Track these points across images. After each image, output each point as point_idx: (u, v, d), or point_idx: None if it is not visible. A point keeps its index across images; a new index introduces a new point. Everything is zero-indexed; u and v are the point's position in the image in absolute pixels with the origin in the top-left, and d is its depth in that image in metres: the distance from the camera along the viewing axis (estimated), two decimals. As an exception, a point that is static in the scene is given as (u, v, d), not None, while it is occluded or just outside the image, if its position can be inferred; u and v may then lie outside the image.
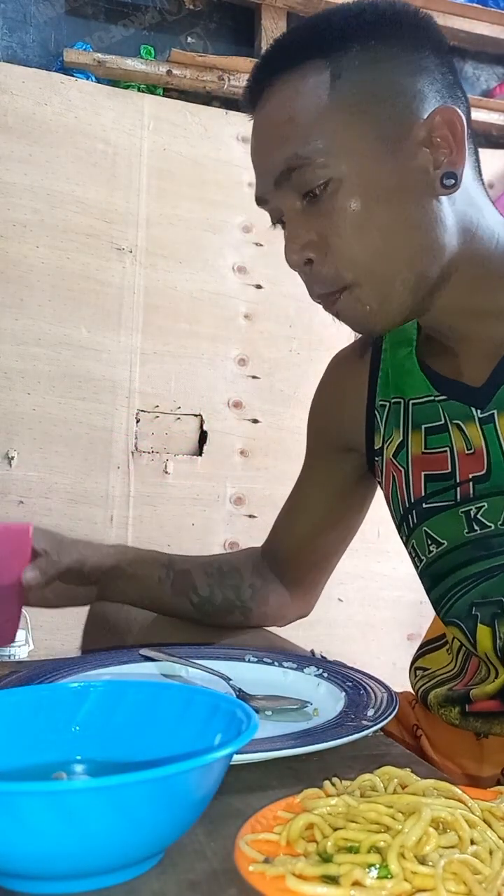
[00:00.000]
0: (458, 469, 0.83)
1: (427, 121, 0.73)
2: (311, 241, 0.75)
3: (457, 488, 0.83)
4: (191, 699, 0.55)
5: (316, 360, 2.44)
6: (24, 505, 2.17)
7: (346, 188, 0.72)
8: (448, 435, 0.83)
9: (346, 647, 2.35)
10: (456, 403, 0.83)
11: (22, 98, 2.20)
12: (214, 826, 0.49)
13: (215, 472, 2.34)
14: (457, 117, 0.73)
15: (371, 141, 0.72)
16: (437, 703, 0.90)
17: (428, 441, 0.85)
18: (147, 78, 2.38)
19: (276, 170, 0.75)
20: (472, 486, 0.81)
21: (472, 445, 0.81)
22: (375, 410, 0.92)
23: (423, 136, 0.73)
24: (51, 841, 0.39)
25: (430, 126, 0.73)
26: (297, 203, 0.75)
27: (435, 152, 0.73)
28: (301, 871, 0.40)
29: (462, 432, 0.82)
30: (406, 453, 0.88)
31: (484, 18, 2.66)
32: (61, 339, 2.22)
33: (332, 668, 0.82)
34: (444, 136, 0.73)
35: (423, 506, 0.86)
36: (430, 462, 0.85)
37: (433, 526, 0.86)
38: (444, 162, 0.74)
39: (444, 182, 0.73)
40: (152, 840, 0.43)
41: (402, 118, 0.73)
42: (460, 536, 0.83)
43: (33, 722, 0.54)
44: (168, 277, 2.32)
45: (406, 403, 0.88)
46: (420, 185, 0.74)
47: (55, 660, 0.83)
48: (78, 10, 2.41)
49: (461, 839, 0.43)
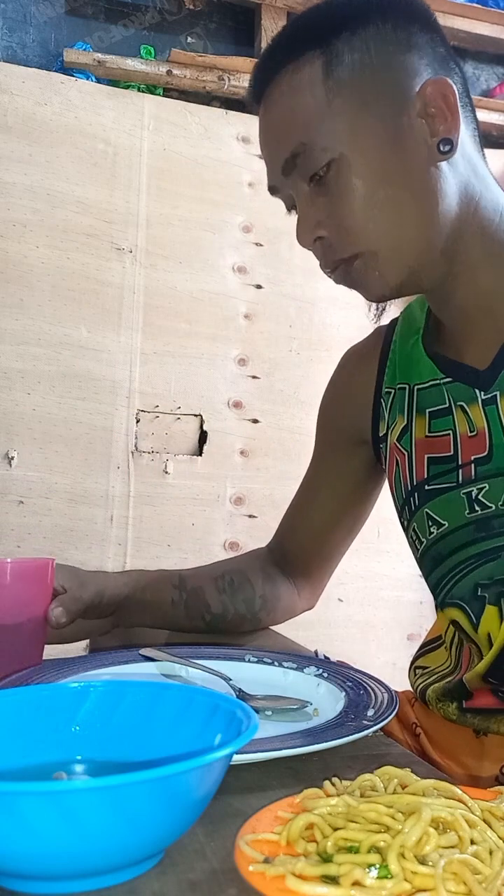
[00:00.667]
0: (460, 451, 0.84)
1: (420, 93, 0.77)
2: (320, 220, 0.79)
3: (459, 470, 0.84)
4: (191, 699, 0.55)
5: (316, 360, 2.44)
6: (24, 505, 2.17)
7: (349, 166, 0.76)
8: (452, 418, 0.85)
9: (346, 647, 2.35)
10: (460, 385, 0.84)
11: (22, 98, 2.20)
12: (214, 826, 0.49)
13: (215, 472, 2.34)
14: (447, 87, 0.77)
15: (368, 119, 0.76)
16: (435, 697, 0.91)
17: (432, 425, 0.87)
18: (147, 78, 2.38)
19: (281, 158, 0.79)
20: (474, 467, 0.83)
21: (475, 427, 0.82)
22: (381, 398, 0.94)
23: (417, 108, 0.77)
24: (51, 841, 0.39)
25: (424, 98, 0.76)
26: (306, 187, 0.79)
27: (430, 122, 0.77)
28: (301, 871, 0.40)
29: (466, 414, 0.83)
30: (410, 437, 0.89)
31: (484, 18, 2.66)
32: (61, 339, 2.22)
33: (332, 668, 0.82)
34: (437, 106, 0.77)
35: (426, 488, 0.87)
36: (433, 445, 0.87)
37: (434, 507, 0.87)
38: (440, 130, 0.77)
39: (440, 148, 0.77)
40: (152, 840, 0.43)
41: (397, 94, 0.77)
42: (461, 517, 0.84)
43: (33, 722, 0.54)
44: (168, 277, 2.32)
45: (411, 389, 0.90)
46: (419, 154, 0.77)
47: (55, 660, 0.83)
48: (78, 10, 2.41)
49: (461, 839, 0.43)
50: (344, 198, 0.77)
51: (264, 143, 0.83)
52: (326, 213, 0.78)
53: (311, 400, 2.53)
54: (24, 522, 2.17)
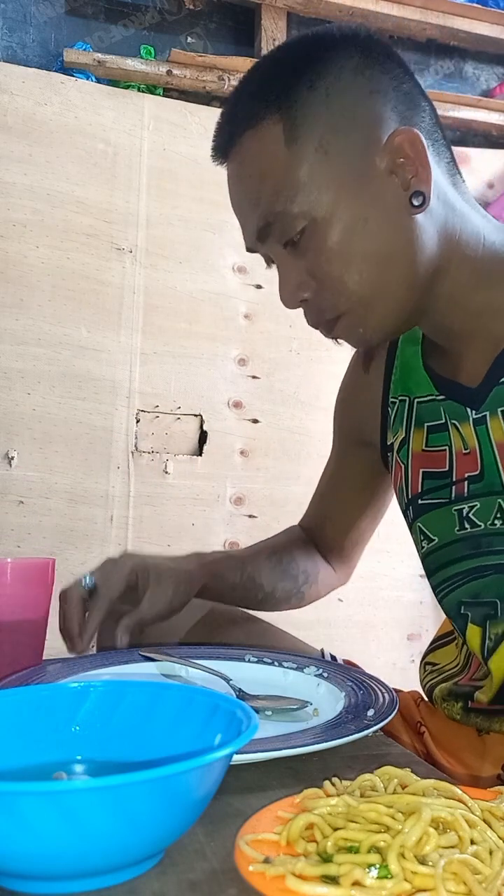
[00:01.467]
0: (455, 468, 0.85)
1: (387, 145, 0.74)
2: (301, 281, 0.78)
3: (452, 486, 0.85)
4: (191, 699, 0.55)
5: (316, 360, 2.44)
6: (24, 505, 2.17)
7: (323, 229, 0.75)
8: (448, 434, 0.85)
9: (346, 647, 2.35)
10: (454, 403, 0.84)
11: (22, 98, 2.20)
12: (214, 826, 0.49)
13: (215, 472, 2.34)
14: (415, 137, 0.74)
15: (337, 177, 0.74)
16: (441, 696, 0.91)
17: (429, 439, 0.88)
18: (147, 78, 2.38)
19: (255, 227, 0.79)
20: (467, 485, 0.83)
21: (468, 445, 0.83)
22: (388, 407, 0.95)
23: (386, 161, 0.75)
24: (51, 841, 0.39)
25: (391, 150, 0.74)
26: (282, 250, 0.78)
27: (401, 173, 0.75)
28: (301, 871, 0.40)
29: (459, 432, 0.84)
30: (407, 450, 0.90)
31: (484, 18, 2.66)
32: (61, 339, 2.21)
33: (332, 668, 0.82)
34: (406, 157, 0.75)
35: (419, 502, 0.89)
36: (429, 459, 0.87)
37: (426, 522, 0.88)
38: (412, 181, 0.75)
39: (413, 202, 0.75)
40: (152, 840, 0.43)
41: (363, 148, 0.74)
42: (451, 534, 0.85)
43: (33, 722, 0.54)
44: (168, 277, 2.32)
45: (411, 401, 0.90)
46: (392, 208, 0.75)
47: (55, 660, 0.83)
48: (78, 10, 2.41)
49: (461, 839, 0.43)
50: (321, 260, 0.76)
51: (235, 207, 0.82)
52: (306, 274, 0.78)
53: (311, 400, 2.54)
54: (24, 522, 2.16)
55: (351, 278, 0.76)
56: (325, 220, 0.74)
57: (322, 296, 0.78)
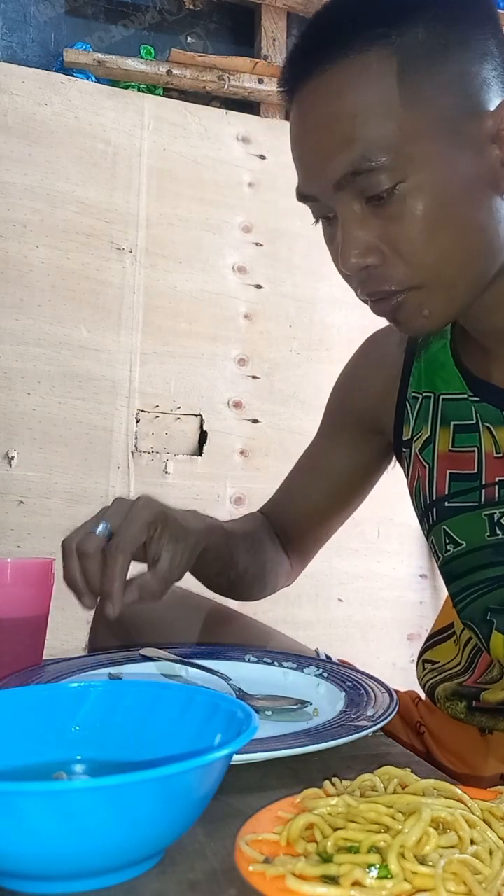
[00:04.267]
0: (485, 471, 0.81)
1: (495, 113, 0.68)
2: (372, 245, 0.70)
3: (482, 490, 0.82)
4: (191, 699, 0.55)
5: (316, 360, 2.44)
6: (24, 505, 2.17)
7: (416, 192, 0.67)
8: (478, 435, 0.82)
9: (346, 647, 2.35)
10: (488, 406, 0.81)
11: (22, 98, 2.20)
12: (214, 826, 0.49)
13: (215, 472, 2.34)
14: None
15: (441, 139, 0.67)
16: (445, 696, 0.90)
17: (456, 439, 0.84)
18: (147, 78, 2.38)
19: (337, 172, 0.68)
20: (498, 490, 0.80)
21: (501, 449, 0.80)
22: (407, 401, 0.91)
23: (490, 129, 0.68)
24: (51, 841, 0.39)
25: (499, 119, 0.68)
26: (358, 206, 0.69)
27: (502, 147, 0.68)
28: (301, 871, 0.40)
29: (492, 435, 0.81)
30: (433, 450, 0.86)
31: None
32: (61, 339, 2.21)
33: (331, 668, 0.82)
34: None
35: (446, 504, 0.85)
36: (456, 461, 0.84)
37: (453, 525, 0.85)
38: None
39: None
40: (152, 840, 0.43)
41: (471, 110, 0.67)
42: (480, 539, 0.82)
43: (33, 722, 0.54)
44: (168, 277, 2.32)
45: (436, 398, 0.87)
46: (487, 183, 0.69)
47: (55, 660, 0.83)
48: (78, 10, 2.41)
49: (461, 839, 0.43)
50: (406, 225, 0.68)
51: (311, 148, 0.70)
52: (380, 237, 0.69)
53: (311, 400, 2.53)
54: (24, 522, 2.16)
55: (434, 251, 0.68)
56: (420, 181, 0.67)
57: (394, 264, 0.69)
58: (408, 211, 0.67)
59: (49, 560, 0.88)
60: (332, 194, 0.70)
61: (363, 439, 0.99)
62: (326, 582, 2.34)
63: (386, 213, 0.68)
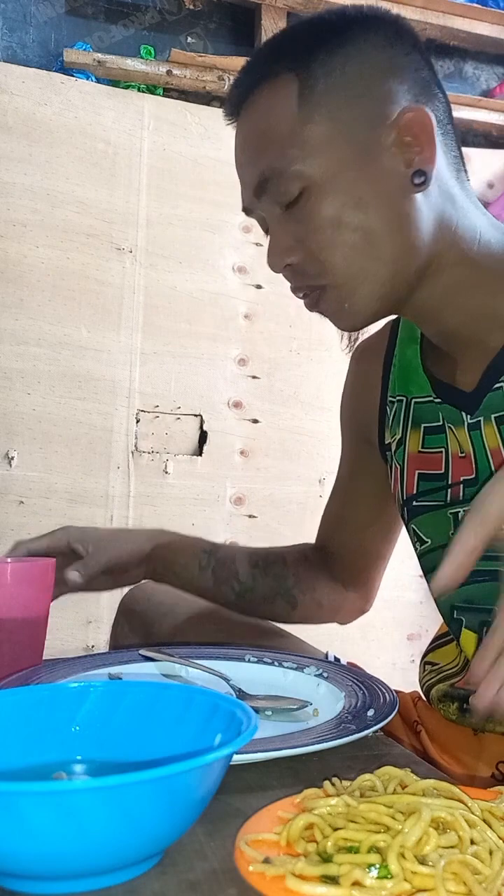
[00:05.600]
0: (451, 471, 0.84)
1: (395, 121, 0.74)
2: (290, 246, 0.78)
3: (448, 489, 0.84)
4: (191, 699, 0.55)
5: (316, 360, 2.44)
6: (24, 505, 2.17)
7: (320, 194, 0.74)
8: (445, 437, 0.85)
9: (347, 647, 2.35)
10: (450, 407, 0.84)
11: (22, 98, 2.20)
12: (214, 826, 0.49)
13: (215, 472, 2.34)
14: (424, 116, 0.74)
15: (342, 145, 0.74)
16: (438, 697, 0.91)
17: (426, 440, 0.87)
18: (147, 78, 2.38)
19: (253, 181, 0.78)
20: (463, 488, 0.83)
21: (464, 449, 0.83)
22: (387, 406, 0.94)
23: (392, 137, 0.74)
24: (51, 841, 0.39)
25: (399, 126, 0.74)
26: (277, 210, 0.78)
27: (406, 151, 0.75)
28: (301, 871, 0.40)
29: (455, 436, 0.84)
30: (403, 450, 0.90)
31: (484, 18, 2.65)
32: (61, 339, 2.21)
33: (331, 668, 0.82)
34: (413, 135, 0.74)
35: (414, 504, 0.88)
36: (425, 461, 0.87)
37: (420, 524, 0.88)
38: (415, 160, 0.75)
39: (413, 180, 0.75)
40: (152, 840, 0.43)
41: (372, 120, 0.74)
42: (445, 537, 0.85)
43: (33, 722, 0.54)
44: (168, 277, 2.32)
45: (408, 401, 0.90)
46: (392, 185, 0.75)
47: (55, 660, 0.83)
48: (78, 10, 2.41)
49: (461, 839, 0.43)
50: (314, 226, 0.75)
51: (238, 163, 0.82)
52: (297, 239, 0.77)
53: (311, 400, 2.54)
54: (24, 522, 2.16)
55: (341, 248, 0.75)
56: (323, 185, 0.74)
57: (309, 262, 0.77)
58: (315, 213, 0.75)
59: (50, 560, 0.88)
60: (256, 202, 0.80)
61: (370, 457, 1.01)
62: (326, 582, 2.34)
63: (298, 216, 0.76)
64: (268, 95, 0.76)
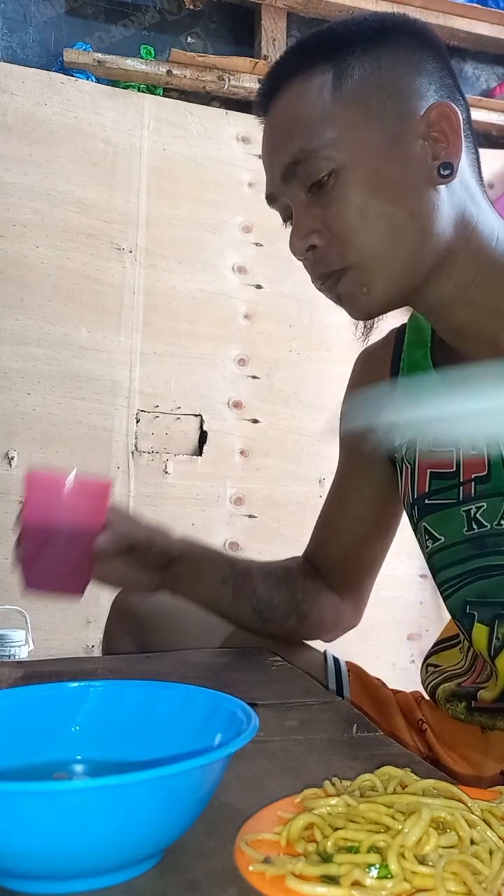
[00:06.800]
0: (462, 468, 0.85)
1: (425, 115, 0.78)
2: (315, 228, 0.79)
3: (460, 487, 0.85)
4: (190, 699, 0.55)
5: (316, 360, 2.44)
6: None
7: (349, 178, 0.77)
8: None
9: (347, 648, 2.35)
10: None
11: (22, 98, 2.20)
12: (214, 826, 0.49)
13: (215, 472, 2.34)
14: (452, 112, 0.78)
15: (373, 134, 0.77)
16: (445, 697, 0.91)
17: None
18: (147, 78, 2.38)
19: (282, 165, 0.80)
20: (474, 485, 0.84)
21: (475, 447, 0.83)
22: None
23: (421, 129, 0.78)
24: (51, 841, 0.39)
25: (428, 120, 0.78)
26: (303, 195, 0.80)
27: (433, 145, 0.78)
28: (301, 871, 0.40)
29: None
30: (414, 451, 0.91)
31: (484, 18, 2.66)
32: (61, 339, 2.21)
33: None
34: (440, 130, 0.78)
35: (426, 502, 0.89)
36: (436, 460, 0.88)
37: (432, 522, 0.88)
38: (442, 154, 0.78)
39: (440, 172, 0.78)
40: (152, 840, 0.43)
41: (402, 113, 0.78)
42: (459, 534, 0.85)
43: (33, 722, 0.54)
44: (168, 277, 2.32)
45: None
46: (419, 175, 0.78)
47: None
48: (78, 10, 2.41)
49: (461, 839, 0.43)
50: (340, 208, 0.77)
51: (266, 150, 0.83)
52: (322, 222, 0.79)
53: (311, 400, 2.53)
54: (24, 522, 2.16)
55: (366, 232, 0.77)
56: (352, 169, 0.77)
57: (332, 246, 0.79)
58: (342, 195, 0.77)
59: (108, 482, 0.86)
60: (282, 187, 0.81)
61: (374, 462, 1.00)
62: (326, 582, 2.34)
63: (325, 200, 0.78)
64: (303, 84, 0.79)
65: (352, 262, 0.79)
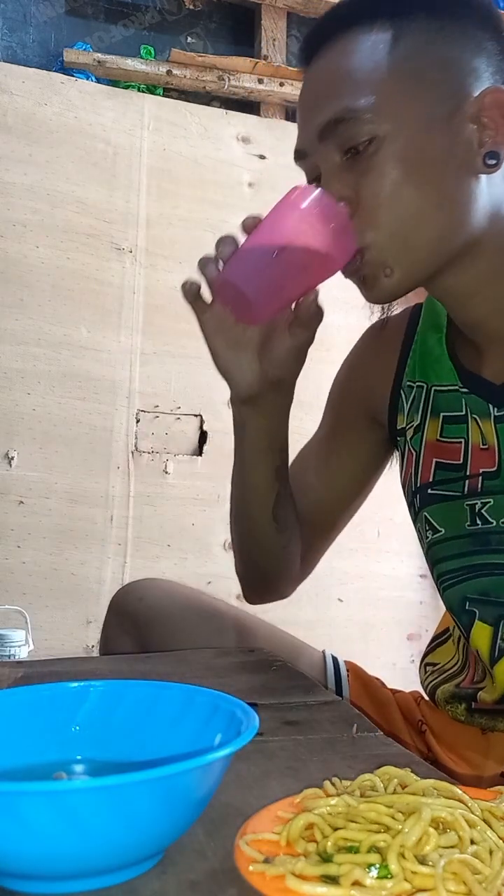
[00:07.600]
0: (469, 462, 0.84)
1: (478, 98, 0.73)
2: (344, 196, 0.74)
3: (466, 481, 0.84)
4: (191, 699, 0.54)
5: (316, 359, 2.42)
6: (24, 505, 2.17)
7: (389, 149, 0.72)
8: (466, 427, 0.84)
9: (347, 647, 2.35)
10: (476, 398, 0.83)
11: (22, 98, 2.20)
12: (214, 826, 0.49)
13: (215, 472, 2.34)
14: None
15: (422, 107, 0.73)
16: (444, 699, 0.91)
17: (445, 430, 0.86)
18: (147, 78, 2.38)
19: (322, 121, 0.74)
20: (482, 480, 0.82)
21: (487, 441, 0.82)
22: (402, 390, 0.93)
23: (472, 112, 0.73)
24: (51, 841, 0.39)
25: (481, 104, 0.73)
26: (337, 157, 0.75)
27: (482, 130, 0.73)
28: (301, 871, 0.40)
29: (479, 427, 0.83)
30: (421, 437, 0.89)
31: None
32: (61, 339, 2.22)
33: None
34: (492, 116, 0.73)
35: (429, 492, 0.87)
36: (443, 450, 0.86)
37: (434, 512, 0.87)
38: (489, 142, 0.73)
39: (486, 161, 0.73)
40: (152, 840, 0.43)
41: (456, 91, 0.73)
42: (460, 528, 0.84)
43: (33, 722, 0.54)
44: (168, 277, 2.32)
45: (428, 389, 0.89)
46: (462, 159, 0.73)
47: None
48: (78, 10, 2.41)
49: (461, 839, 0.43)
50: (374, 179, 0.73)
51: (305, 103, 0.78)
52: (353, 190, 0.74)
53: (312, 400, 2.52)
54: (24, 522, 2.16)
55: (396, 209, 0.73)
56: (395, 140, 0.72)
57: (360, 216, 0.74)
58: (379, 165, 0.73)
59: None
60: (316, 145, 0.76)
61: (364, 431, 0.99)
62: (326, 582, 2.34)
63: (360, 167, 0.73)
64: (359, 38, 0.74)
65: (379, 236, 0.74)
